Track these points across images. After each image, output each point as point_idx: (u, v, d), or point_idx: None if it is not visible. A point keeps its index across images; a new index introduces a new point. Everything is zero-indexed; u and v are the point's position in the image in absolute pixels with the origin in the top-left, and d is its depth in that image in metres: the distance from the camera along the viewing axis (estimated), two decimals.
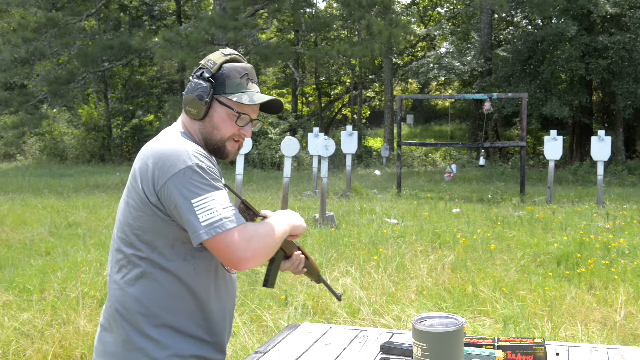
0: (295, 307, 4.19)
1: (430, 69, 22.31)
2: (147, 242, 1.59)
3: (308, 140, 12.57)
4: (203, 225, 1.48)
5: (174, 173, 1.51)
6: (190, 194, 1.50)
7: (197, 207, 1.49)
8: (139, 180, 1.58)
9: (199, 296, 1.63)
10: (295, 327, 1.86)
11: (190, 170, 1.51)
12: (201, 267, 1.62)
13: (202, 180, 1.51)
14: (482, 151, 14.31)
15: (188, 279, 1.61)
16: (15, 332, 3.61)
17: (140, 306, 1.60)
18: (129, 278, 1.62)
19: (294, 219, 1.72)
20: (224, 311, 1.71)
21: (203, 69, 1.66)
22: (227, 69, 1.66)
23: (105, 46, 17.94)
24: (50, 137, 24.60)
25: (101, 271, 5.04)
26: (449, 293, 4.53)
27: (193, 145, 1.58)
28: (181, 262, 1.60)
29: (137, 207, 1.58)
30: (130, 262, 1.62)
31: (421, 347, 1.22)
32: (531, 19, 22.27)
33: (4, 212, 9.21)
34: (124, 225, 1.62)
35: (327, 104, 32.65)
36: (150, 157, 1.56)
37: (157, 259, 1.59)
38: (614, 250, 5.88)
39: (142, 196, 1.56)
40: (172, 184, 1.51)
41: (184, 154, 1.53)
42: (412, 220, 8.13)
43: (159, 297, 1.60)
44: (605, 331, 3.80)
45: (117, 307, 1.62)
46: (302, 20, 18.15)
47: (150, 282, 1.60)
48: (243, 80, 1.68)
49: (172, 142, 1.58)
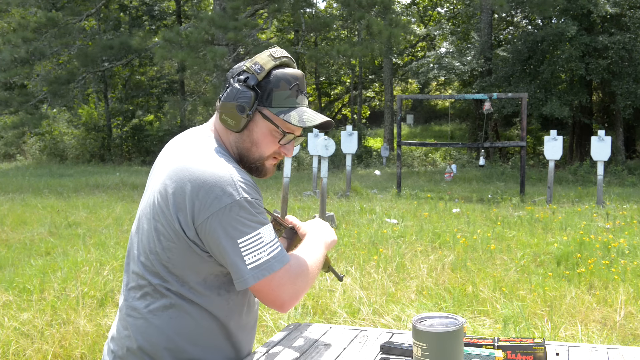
0: (295, 307, 4.19)
1: (430, 69, 22.31)
2: (177, 275, 1.42)
3: (308, 140, 12.56)
4: (249, 268, 1.33)
5: (219, 208, 1.32)
6: (237, 232, 1.32)
7: (243, 248, 1.33)
8: (173, 207, 1.36)
9: (230, 329, 1.50)
10: (295, 327, 1.86)
11: (238, 206, 1.32)
12: (235, 301, 1.49)
13: (250, 217, 1.34)
14: (482, 151, 14.30)
15: (221, 313, 1.46)
16: (15, 332, 3.61)
17: (167, 340, 1.43)
18: (154, 308, 1.43)
19: (327, 235, 1.58)
20: (250, 336, 1.59)
21: (248, 73, 1.43)
22: (275, 77, 1.43)
23: (105, 46, 17.95)
24: (50, 137, 24.61)
25: (101, 271, 5.04)
26: (449, 293, 4.53)
27: (237, 171, 1.38)
28: (215, 297, 1.44)
29: (169, 238, 1.39)
30: (157, 292, 1.43)
31: (421, 347, 1.22)
32: (531, 19, 22.28)
33: (4, 212, 9.21)
34: (150, 252, 1.43)
35: (327, 104, 32.67)
36: (189, 182, 1.34)
37: (188, 293, 1.42)
38: (614, 250, 5.88)
39: (177, 227, 1.37)
40: (216, 220, 1.32)
41: (230, 185, 1.33)
42: (412, 220, 8.13)
43: (188, 331, 1.44)
44: (605, 331, 3.80)
45: (140, 341, 1.44)
46: (302, 20, 18.16)
47: (180, 314, 1.43)
48: (293, 92, 1.44)
49: (214, 166, 1.36)
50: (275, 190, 12.15)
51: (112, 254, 5.85)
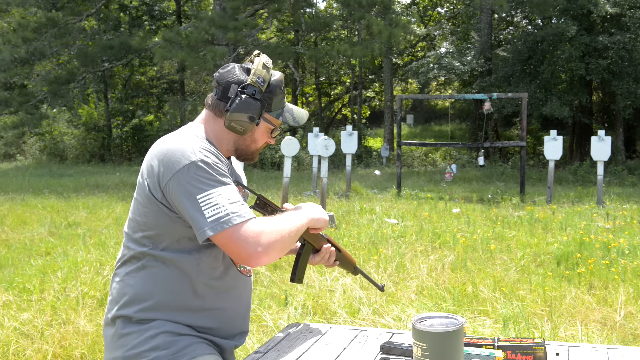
0: (295, 307, 4.19)
1: (430, 69, 22.30)
2: (152, 238, 1.57)
3: (308, 140, 12.57)
4: (209, 221, 1.44)
5: (178, 169, 1.48)
6: (196, 190, 1.46)
7: (202, 203, 1.45)
8: (146, 176, 1.57)
9: (202, 294, 1.59)
10: (295, 327, 1.86)
11: (195, 165, 1.48)
12: (205, 262, 1.58)
13: (208, 176, 1.48)
14: (482, 151, 14.31)
15: (191, 273, 1.57)
16: (15, 332, 3.61)
17: (136, 297, 1.58)
18: (130, 270, 1.60)
19: (314, 211, 1.67)
20: (234, 310, 1.66)
21: (254, 87, 1.60)
22: (272, 86, 1.64)
23: (105, 46, 17.94)
24: (50, 137, 24.60)
25: (101, 271, 5.04)
26: (449, 293, 4.53)
27: (200, 142, 1.55)
28: (185, 255, 1.56)
29: (143, 204, 1.57)
30: (134, 257, 1.60)
31: (421, 347, 1.22)
32: (531, 19, 22.27)
33: (4, 212, 9.21)
34: (131, 221, 1.62)
35: (327, 104, 32.66)
36: (157, 154, 1.54)
37: (161, 254, 1.57)
38: (614, 250, 5.88)
39: (147, 193, 1.55)
40: (176, 180, 1.48)
41: (189, 150, 1.50)
42: (412, 220, 8.13)
43: (157, 290, 1.57)
44: (605, 331, 3.80)
45: (118, 302, 1.60)
46: (302, 20, 18.16)
47: (151, 273, 1.58)
48: (282, 94, 1.68)
49: (179, 140, 1.55)
50: (275, 190, 12.15)
51: (112, 254, 5.85)
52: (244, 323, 1.72)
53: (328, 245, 1.74)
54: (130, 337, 1.56)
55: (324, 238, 1.74)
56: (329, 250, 1.74)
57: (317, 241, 1.72)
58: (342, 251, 1.80)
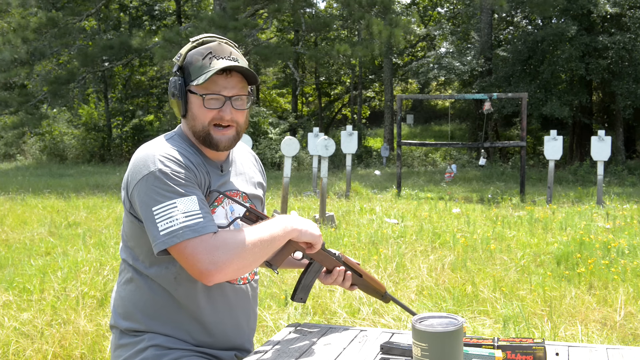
0: (295, 307, 4.19)
1: (430, 69, 22.30)
2: (132, 249, 1.57)
3: (308, 140, 12.57)
4: (162, 234, 1.39)
5: (138, 179, 1.45)
6: (152, 201, 1.42)
7: (157, 216, 1.40)
8: (122, 186, 1.56)
9: (187, 306, 1.56)
10: (295, 327, 1.86)
11: (153, 176, 1.43)
12: (182, 276, 1.53)
13: (164, 187, 1.42)
14: (482, 151, 14.31)
15: (170, 288, 1.54)
16: (15, 332, 3.61)
17: (125, 311, 1.59)
18: (122, 281, 1.62)
19: (299, 223, 1.52)
20: (223, 324, 1.61)
21: (174, 64, 1.57)
22: (189, 56, 1.53)
23: (105, 46, 17.94)
24: (50, 137, 24.60)
25: (101, 271, 5.04)
26: (449, 293, 4.53)
27: (165, 148, 1.49)
28: (162, 270, 1.53)
29: (125, 214, 1.57)
30: (125, 268, 1.61)
31: (421, 347, 1.22)
32: (531, 19, 22.27)
33: (4, 212, 9.21)
34: (122, 230, 1.63)
35: (327, 104, 32.65)
36: (130, 163, 1.53)
37: (140, 266, 1.56)
38: (614, 250, 5.88)
39: (123, 202, 1.55)
40: (136, 191, 1.45)
41: (150, 160, 1.46)
42: (412, 220, 8.13)
43: (142, 303, 1.56)
44: (605, 331, 3.80)
45: (114, 314, 1.64)
46: (302, 20, 18.16)
47: (136, 287, 1.57)
48: (206, 61, 1.51)
49: (147, 148, 1.51)
50: (275, 190, 12.15)
51: (112, 254, 5.85)
52: (240, 336, 1.67)
53: (341, 268, 1.64)
54: (124, 349, 1.59)
55: (335, 259, 1.63)
56: (341, 273, 1.64)
57: (325, 261, 1.62)
58: (364, 276, 1.68)
